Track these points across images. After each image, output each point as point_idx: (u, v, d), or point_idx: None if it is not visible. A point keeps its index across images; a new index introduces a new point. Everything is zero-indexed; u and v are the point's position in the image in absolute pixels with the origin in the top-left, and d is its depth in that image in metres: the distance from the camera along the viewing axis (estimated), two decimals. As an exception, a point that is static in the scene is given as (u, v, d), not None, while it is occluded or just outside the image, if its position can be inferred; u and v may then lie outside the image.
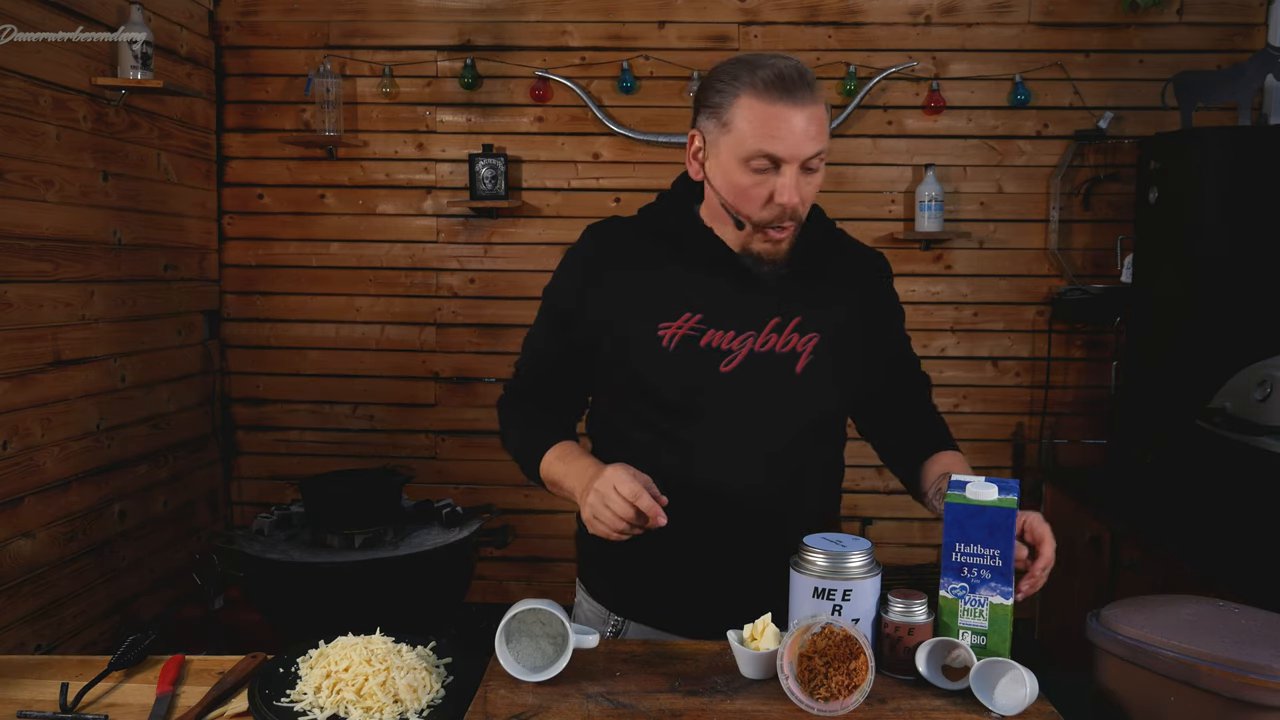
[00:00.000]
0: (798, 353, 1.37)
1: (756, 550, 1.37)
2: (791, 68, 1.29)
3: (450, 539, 2.86)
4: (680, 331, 1.36)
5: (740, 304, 1.37)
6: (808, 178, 1.31)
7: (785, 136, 1.27)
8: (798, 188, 1.29)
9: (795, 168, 1.28)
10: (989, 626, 1.17)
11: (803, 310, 1.39)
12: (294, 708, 1.12)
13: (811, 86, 1.29)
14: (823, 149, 1.30)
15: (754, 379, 1.36)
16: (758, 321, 1.37)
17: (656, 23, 3.46)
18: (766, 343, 1.36)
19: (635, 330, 1.38)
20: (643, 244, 1.43)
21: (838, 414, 1.47)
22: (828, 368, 1.39)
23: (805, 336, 1.38)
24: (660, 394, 1.37)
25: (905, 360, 1.56)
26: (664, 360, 1.36)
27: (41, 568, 2.57)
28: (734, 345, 1.36)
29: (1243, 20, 3.38)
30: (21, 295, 2.50)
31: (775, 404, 1.37)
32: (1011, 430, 3.55)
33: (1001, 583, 1.16)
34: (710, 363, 1.35)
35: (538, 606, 1.21)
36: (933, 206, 3.38)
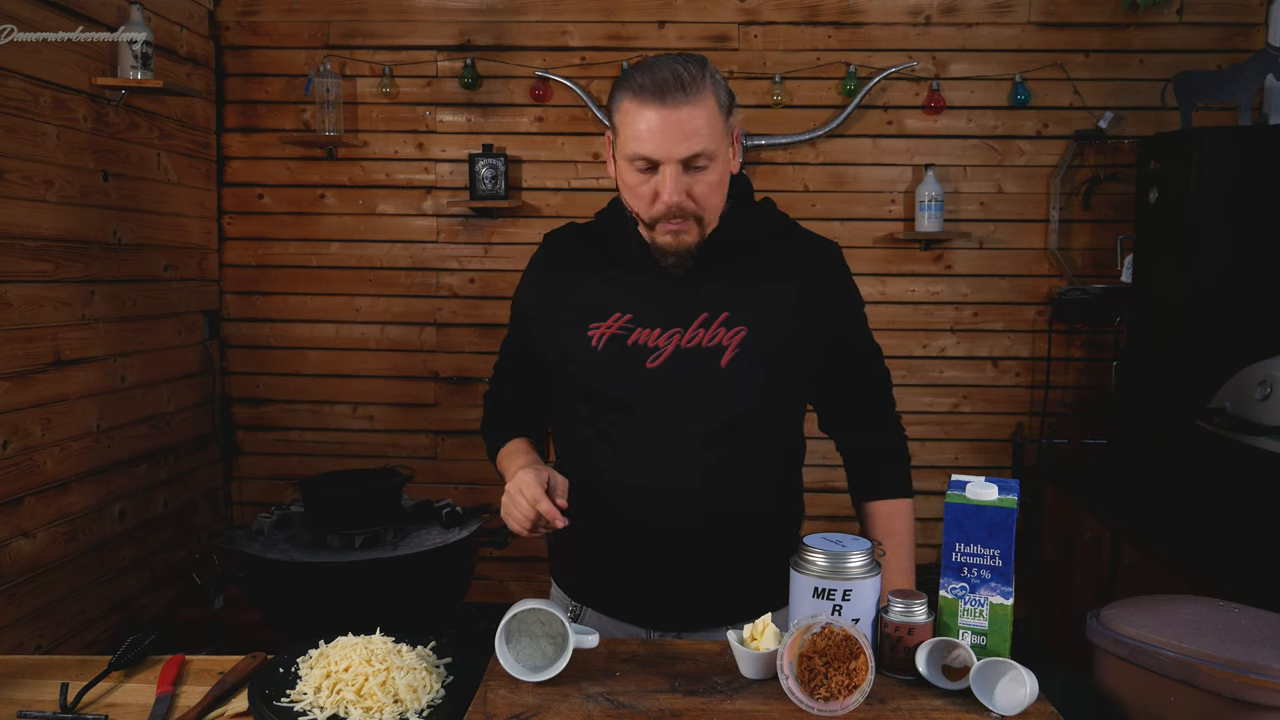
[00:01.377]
0: (723, 347, 1.39)
1: (693, 543, 1.41)
2: (670, 71, 1.31)
3: (450, 539, 2.86)
4: (609, 331, 1.41)
5: (668, 302, 1.41)
6: (696, 176, 1.33)
7: (653, 138, 1.31)
8: (676, 187, 1.32)
9: (674, 167, 1.31)
10: (989, 626, 1.17)
11: (732, 305, 1.40)
12: (294, 708, 1.12)
13: (687, 89, 1.30)
14: (703, 150, 1.31)
15: (680, 374, 1.38)
16: (685, 318, 1.40)
17: (656, 23, 3.46)
18: (694, 338, 1.39)
19: (569, 332, 1.44)
20: (586, 248, 1.49)
21: (773, 408, 1.45)
22: (754, 362, 1.39)
23: (732, 330, 1.39)
24: (592, 392, 1.43)
25: (858, 353, 1.53)
26: (594, 360, 1.41)
27: (41, 568, 2.57)
28: (660, 342, 1.39)
29: (1243, 20, 3.38)
30: (21, 295, 2.50)
31: (701, 398, 1.39)
32: (1011, 430, 3.55)
33: (1001, 583, 1.16)
34: (637, 360, 1.39)
35: (538, 606, 1.21)
36: (933, 206, 3.38)
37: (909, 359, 3.54)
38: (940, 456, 3.56)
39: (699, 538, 1.40)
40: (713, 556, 1.42)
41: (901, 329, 3.54)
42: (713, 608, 1.45)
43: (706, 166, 1.33)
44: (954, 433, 3.57)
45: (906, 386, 3.55)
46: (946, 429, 3.56)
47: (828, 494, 3.55)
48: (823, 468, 2.07)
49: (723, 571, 1.43)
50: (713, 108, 1.32)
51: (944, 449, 3.57)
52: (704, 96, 1.31)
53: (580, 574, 1.53)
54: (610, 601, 1.49)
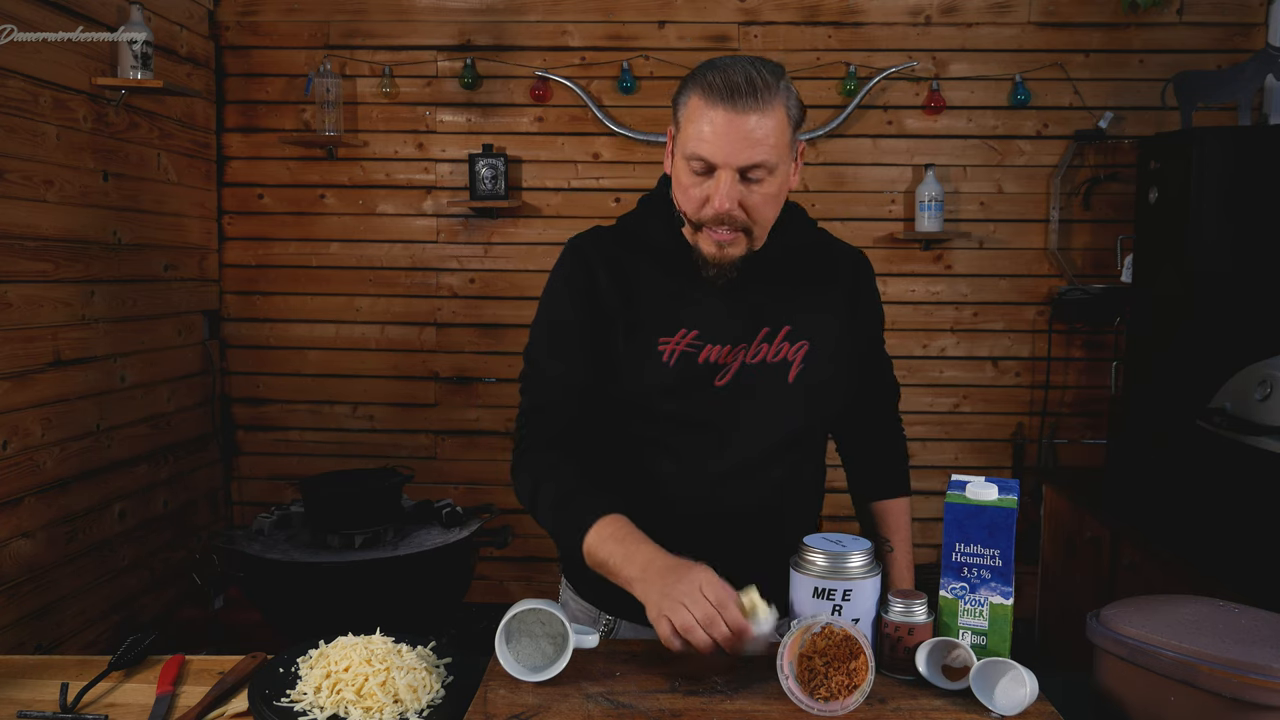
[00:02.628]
0: (789, 362, 1.38)
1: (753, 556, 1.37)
2: (743, 75, 1.25)
3: (450, 539, 2.86)
4: (679, 348, 1.36)
5: (730, 315, 1.38)
6: (752, 187, 1.28)
7: (716, 141, 1.26)
8: (730, 195, 1.27)
9: (730, 174, 1.27)
10: (989, 626, 1.17)
11: (791, 318, 1.39)
12: (294, 708, 1.12)
13: (759, 96, 1.25)
14: (764, 161, 1.26)
15: (747, 392, 1.37)
16: (748, 333, 1.38)
17: (656, 23, 3.46)
18: (758, 354, 1.37)
19: (635, 346, 1.37)
20: (629, 256, 1.41)
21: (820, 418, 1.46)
22: (819, 374, 1.40)
23: (795, 345, 1.38)
24: (659, 409, 1.37)
25: (877, 363, 1.57)
26: (665, 376, 1.36)
27: (41, 568, 2.57)
28: (727, 359, 1.37)
29: (1243, 20, 3.38)
30: (21, 295, 2.49)
31: (769, 415, 1.38)
32: (1011, 430, 3.55)
33: (1001, 583, 1.16)
34: (707, 378, 1.36)
35: (538, 606, 1.21)
36: (933, 206, 3.38)
37: (909, 359, 3.54)
38: (940, 456, 3.56)
39: (759, 550, 1.37)
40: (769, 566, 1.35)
41: (901, 329, 3.54)
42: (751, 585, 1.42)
43: (764, 179, 1.29)
44: (954, 433, 3.57)
45: (906, 386, 3.51)
46: (946, 429, 3.56)
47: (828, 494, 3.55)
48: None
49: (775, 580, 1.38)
50: (782, 119, 1.28)
51: (944, 449, 3.57)
52: (774, 106, 1.26)
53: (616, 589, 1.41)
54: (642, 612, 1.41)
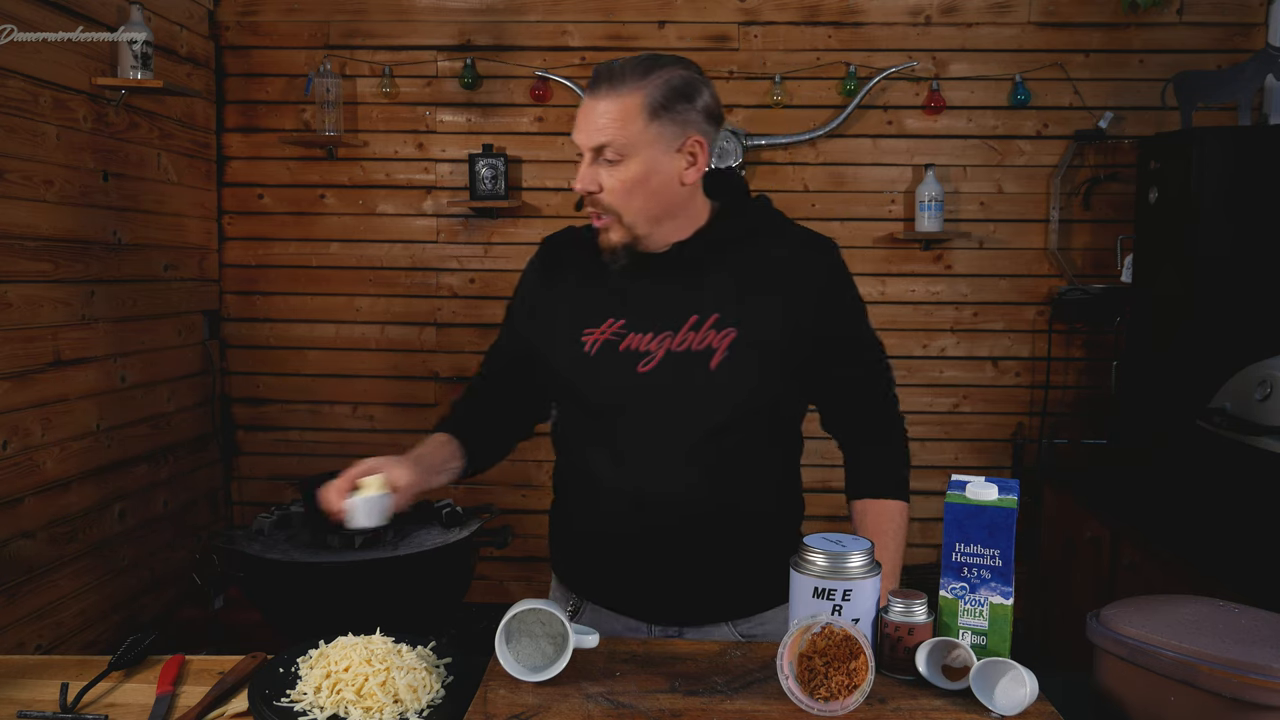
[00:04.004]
0: (713, 349, 1.39)
1: (689, 542, 1.42)
2: (609, 65, 1.35)
3: (450, 539, 2.86)
4: (602, 337, 1.42)
5: (660, 304, 1.41)
6: (608, 169, 1.35)
7: (577, 124, 1.37)
8: (584, 175, 1.36)
9: (587, 155, 1.36)
10: (989, 626, 1.17)
11: (722, 306, 1.40)
12: (294, 708, 1.12)
13: (613, 81, 1.33)
14: (608, 142, 1.33)
15: (670, 378, 1.39)
16: (676, 321, 1.40)
17: (656, 23, 3.46)
18: (684, 341, 1.39)
19: (562, 337, 1.45)
20: (583, 252, 1.48)
21: (765, 409, 1.44)
22: (746, 362, 1.39)
23: (722, 332, 1.39)
24: (586, 398, 1.44)
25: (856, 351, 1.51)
26: (586, 365, 1.42)
27: (41, 568, 2.57)
28: (652, 346, 1.39)
29: (1243, 20, 3.38)
30: (21, 295, 2.49)
31: (692, 401, 1.39)
32: (1011, 430, 3.55)
33: (1001, 583, 1.16)
34: (629, 365, 1.40)
35: (538, 606, 1.21)
36: (933, 206, 3.38)
37: (909, 359, 3.54)
38: (940, 456, 3.56)
39: (694, 536, 1.41)
40: (708, 554, 1.43)
41: (901, 329, 3.54)
42: (711, 603, 1.47)
43: (617, 161, 1.35)
44: (954, 433, 3.57)
45: (906, 386, 3.55)
46: (946, 429, 3.56)
47: (828, 494, 3.55)
48: (822, 468, 2.07)
49: (719, 568, 1.44)
50: (633, 105, 1.33)
51: (944, 449, 3.57)
52: (627, 91, 1.33)
53: (581, 570, 1.55)
54: (610, 597, 1.50)
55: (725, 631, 1.49)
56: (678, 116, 1.35)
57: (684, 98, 1.35)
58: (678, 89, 1.34)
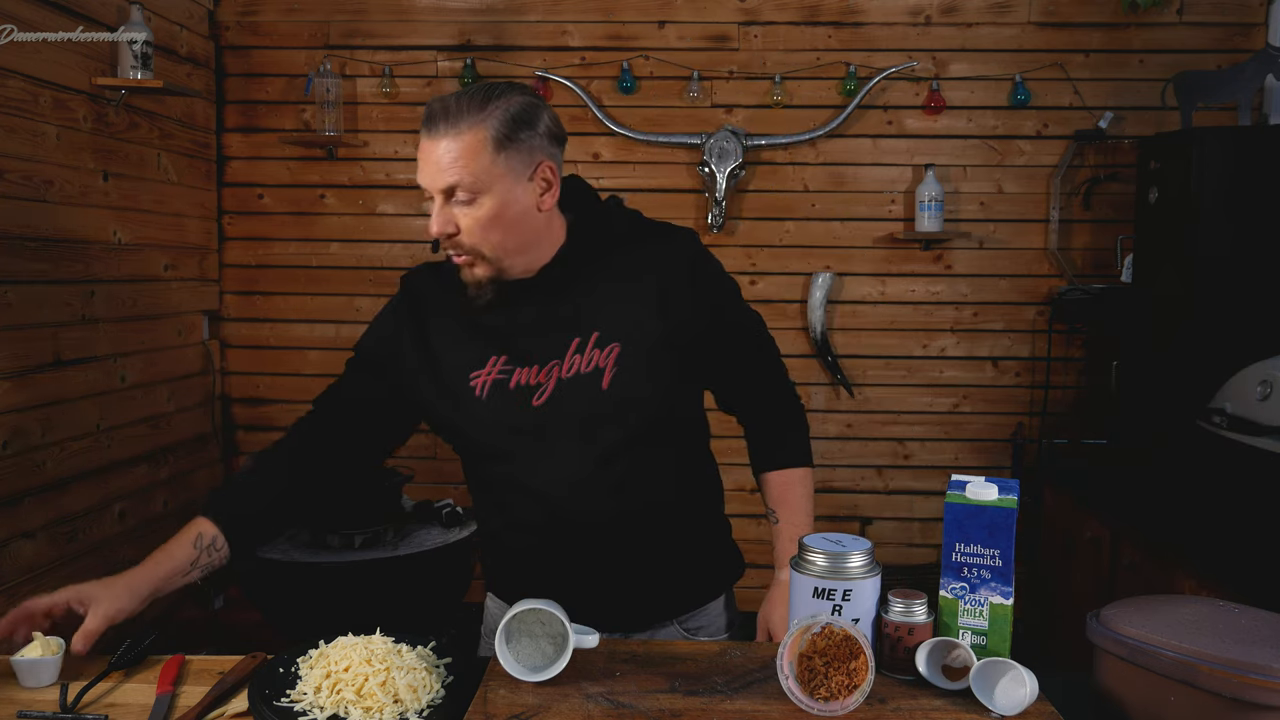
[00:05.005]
0: (601, 369, 1.37)
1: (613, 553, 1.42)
2: (445, 103, 1.30)
3: (450, 539, 2.86)
4: (489, 378, 1.39)
5: (537, 334, 1.39)
6: (463, 209, 1.31)
7: (420, 169, 1.33)
8: (438, 219, 1.32)
9: (438, 198, 1.31)
10: (989, 626, 1.17)
11: (599, 323, 1.38)
12: (294, 708, 1.12)
13: (450, 119, 1.28)
14: (457, 182, 1.29)
15: (566, 406, 1.37)
16: (559, 348, 1.38)
17: (656, 23, 3.46)
18: (572, 366, 1.38)
19: (447, 383, 1.42)
20: (447, 290, 1.44)
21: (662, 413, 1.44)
22: (636, 372, 1.38)
23: (606, 350, 1.37)
24: (480, 441, 1.42)
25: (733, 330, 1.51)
26: (479, 409, 1.39)
27: (41, 568, 2.57)
28: (541, 378, 1.38)
29: (1243, 20, 3.38)
30: (21, 295, 2.49)
31: (591, 424, 1.38)
32: (1011, 430, 3.55)
33: (1001, 583, 1.16)
34: (522, 400, 1.38)
35: (538, 606, 1.21)
36: (933, 206, 3.38)
37: (909, 359, 3.54)
38: (940, 456, 3.56)
39: (616, 547, 1.42)
40: (634, 560, 1.43)
41: (901, 329, 3.54)
42: (649, 606, 1.48)
43: (471, 200, 1.30)
44: (954, 433, 3.57)
45: (906, 386, 3.55)
46: (946, 429, 3.56)
47: (828, 494, 3.55)
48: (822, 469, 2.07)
49: (647, 572, 1.45)
50: (477, 141, 1.28)
51: (944, 449, 3.57)
52: (467, 127, 1.28)
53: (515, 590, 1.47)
54: None
55: (672, 630, 1.50)
56: (523, 145, 1.31)
57: (526, 125, 1.31)
58: (518, 117, 1.30)
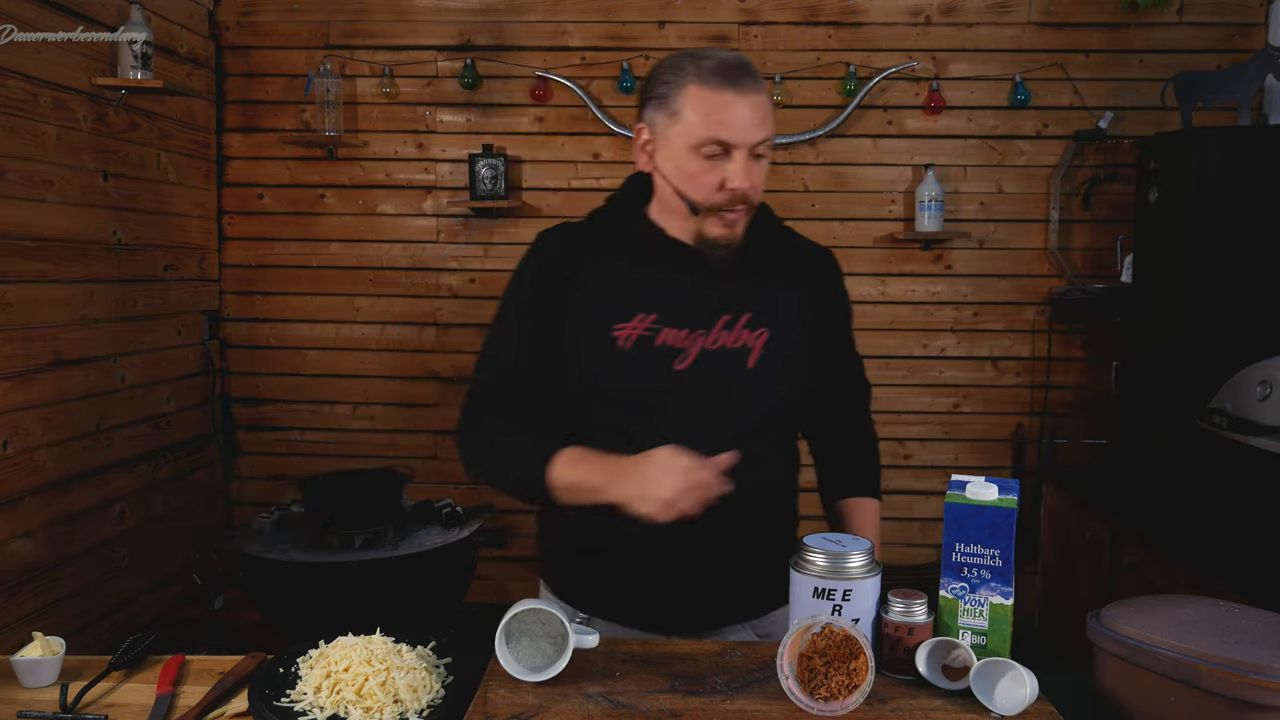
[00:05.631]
0: (749, 348, 1.39)
1: (708, 549, 1.38)
2: (734, 58, 1.35)
3: (450, 539, 2.86)
4: (635, 332, 1.38)
5: (689, 302, 1.40)
6: (757, 164, 1.35)
7: (733, 123, 1.32)
8: (747, 173, 1.33)
9: (744, 153, 1.33)
10: (989, 626, 1.17)
11: (752, 307, 1.40)
12: (294, 708, 1.12)
13: (755, 76, 1.34)
14: (768, 136, 1.35)
15: (707, 376, 1.37)
16: (708, 320, 1.39)
17: (656, 23, 3.46)
18: (717, 340, 1.39)
19: (590, 332, 1.40)
20: (594, 246, 1.46)
21: (791, 411, 1.47)
22: (778, 363, 1.40)
23: (756, 332, 1.39)
24: (616, 395, 1.39)
25: (847, 362, 1.58)
26: (620, 361, 1.38)
27: (41, 568, 2.57)
28: (686, 343, 1.38)
29: (1243, 20, 3.38)
30: (21, 295, 2.49)
31: (729, 400, 1.38)
32: (1011, 430, 3.55)
33: (1001, 583, 1.16)
34: (664, 361, 1.37)
35: (538, 606, 1.21)
36: (933, 206, 3.38)
37: (909, 359, 3.54)
38: (940, 456, 3.56)
39: (714, 541, 1.38)
40: (727, 558, 1.40)
41: (901, 329, 3.54)
42: (726, 608, 1.45)
43: (766, 155, 1.36)
44: (954, 433, 3.57)
45: (906, 386, 3.55)
46: (946, 429, 3.56)
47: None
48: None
49: (736, 571, 1.42)
50: (768, 99, 1.37)
51: (944, 449, 3.57)
52: (763, 84, 1.36)
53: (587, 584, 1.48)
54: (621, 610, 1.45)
55: (743, 633, 1.47)
56: None
57: None
58: None
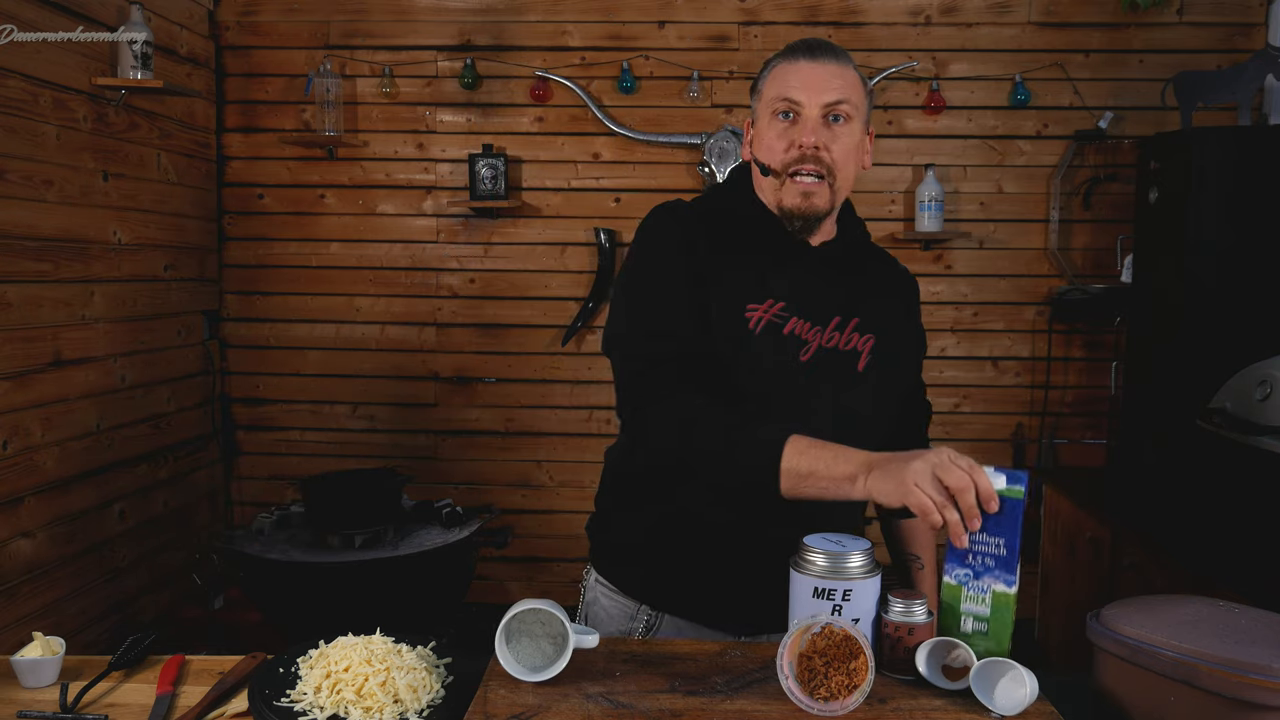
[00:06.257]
0: (858, 351, 1.40)
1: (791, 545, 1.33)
2: (816, 39, 1.40)
3: (450, 539, 2.86)
4: (766, 316, 1.36)
5: (810, 296, 1.40)
6: (834, 128, 1.35)
7: (801, 83, 1.35)
8: (816, 129, 1.34)
9: (815, 112, 1.34)
10: (991, 614, 1.17)
11: (861, 311, 1.41)
12: (294, 708, 1.12)
13: (835, 51, 1.38)
14: (845, 99, 1.35)
15: (824, 371, 1.37)
16: (825, 316, 1.40)
17: (656, 23, 3.46)
18: (831, 339, 1.39)
19: (722, 308, 1.35)
20: (714, 226, 1.41)
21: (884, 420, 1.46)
22: (884, 370, 1.42)
23: (864, 337, 1.40)
24: (739, 375, 1.35)
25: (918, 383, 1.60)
26: (749, 342, 1.35)
27: (41, 568, 2.57)
28: (809, 336, 1.38)
29: (1243, 20, 3.38)
30: (21, 295, 2.49)
31: (838, 400, 1.38)
32: (1011, 430, 3.55)
33: (1005, 571, 1.16)
34: (791, 351, 1.36)
35: (538, 606, 1.21)
36: (933, 206, 3.38)
37: (909, 359, 3.54)
38: (940, 456, 3.56)
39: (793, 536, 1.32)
40: None
41: (901, 329, 3.54)
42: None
43: (845, 123, 1.36)
44: (954, 433, 3.57)
45: (906, 386, 3.55)
46: (947, 429, 3.56)
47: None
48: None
49: None
50: (856, 76, 1.39)
51: (944, 449, 3.57)
52: (847, 64, 1.38)
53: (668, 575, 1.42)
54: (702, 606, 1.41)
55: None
56: (870, 102, 1.42)
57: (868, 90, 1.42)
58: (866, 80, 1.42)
